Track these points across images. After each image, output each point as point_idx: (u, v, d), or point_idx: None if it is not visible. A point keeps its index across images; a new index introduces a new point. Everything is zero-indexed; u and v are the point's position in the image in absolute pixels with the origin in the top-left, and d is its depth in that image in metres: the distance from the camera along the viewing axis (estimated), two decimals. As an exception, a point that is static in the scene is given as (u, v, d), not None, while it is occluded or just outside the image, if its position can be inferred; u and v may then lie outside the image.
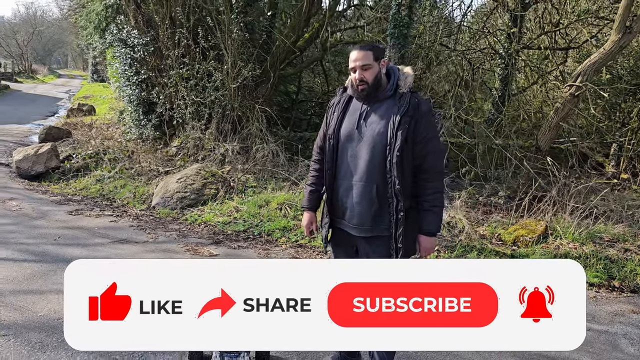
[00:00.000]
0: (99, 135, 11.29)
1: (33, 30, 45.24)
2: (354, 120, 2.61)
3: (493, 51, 9.27)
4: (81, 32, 15.00)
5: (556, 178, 6.53)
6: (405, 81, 2.59)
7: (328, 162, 2.67)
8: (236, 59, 8.47)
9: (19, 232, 5.45)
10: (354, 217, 2.62)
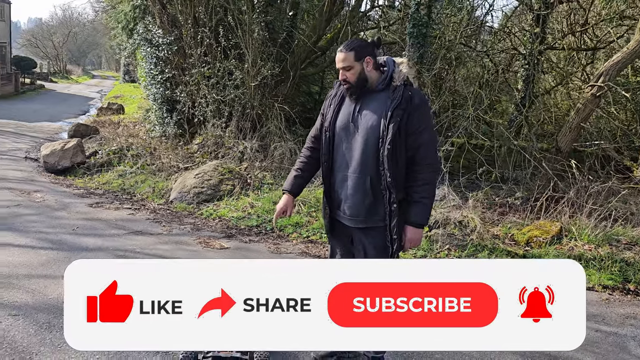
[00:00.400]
0: (124, 132, 11.57)
1: (68, 32, 46.66)
2: (348, 113, 2.65)
3: (516, 51, 9.14)
4: (111, 32, 15.46)
5: (575, 180, 6.39)
6: (400, 74, 2.61)
7: (324, 155, 2.71)
8: (256, 57, 8.58)
9: (39, 222, 5.64)
10: (348, 208, 2.66)
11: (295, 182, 2.83)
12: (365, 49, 2.62)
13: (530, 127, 8.09)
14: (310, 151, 2.85)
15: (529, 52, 8.17)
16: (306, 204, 6.36)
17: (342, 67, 2.59)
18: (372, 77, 2.62)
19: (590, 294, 4.55)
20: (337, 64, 2.61)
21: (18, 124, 15.07)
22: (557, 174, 6.70)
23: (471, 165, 7.90)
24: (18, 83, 26.32)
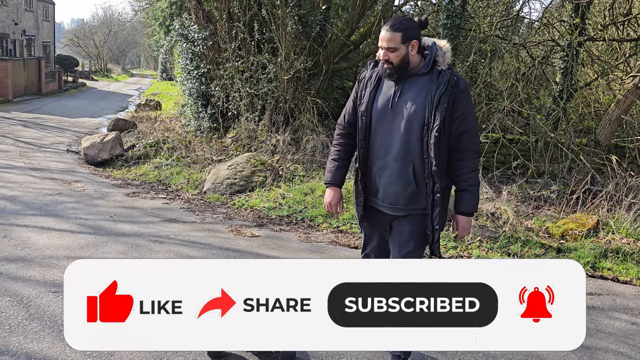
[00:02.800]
0: (161, 127, 11.85)
1: (109, 31, 48.00)
2: (387, 97, 2.52)
3: (554, 43, 8.91)
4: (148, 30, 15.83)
5: (615, 173, 6.20)
6: (444, 57, 2.49)
7: (361, 141, 2.58)
8: (290, 51, 8.65)
9: (79, 209, 5.86)
10: (388, 196, 2.55)
11: (336, 172, 2.71)
12: (413, 31, 2.48)
13: (568, 120, 7.88)
14: (343, 138, 2.72)
15: (567, 43, 7.94)
16: (337, 196, 6.38)
17: (387, 47, 2.45)
18: (414, 60, 2.49)
19: (628, 288, 4.42)
20: (381, 43, 2.47)
21: (61, 119, 15.64)
22: (596, 167, 6.52)
23: (506, 160, 7.77)
24: (61, 81, 27.27)
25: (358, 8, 9.28)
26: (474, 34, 8.40)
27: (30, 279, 3.72)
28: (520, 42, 9.14)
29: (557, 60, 8.75)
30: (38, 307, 3.29)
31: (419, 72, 2.49)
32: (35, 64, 24.01)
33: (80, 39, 47.18)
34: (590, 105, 9.08)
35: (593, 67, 9.31)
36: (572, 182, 6.37)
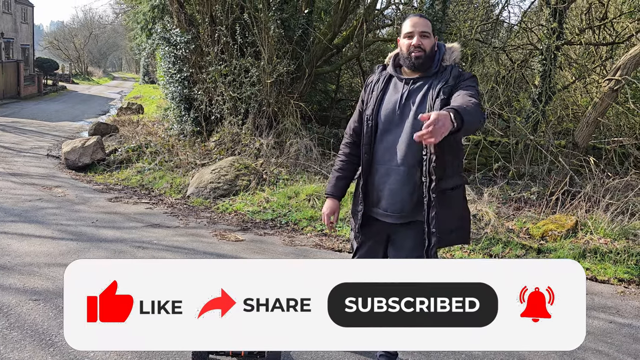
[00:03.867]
0: (143, 131, 11.76)
1: (89, 34, 47.42)
2: (394, 101, 2.45)
3: (533, 47, 9.07)
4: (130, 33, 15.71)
5: (592, 175, 6.34)
6: (451, 55, 2.46)
7: (365, 145, 2.50)
8: (272, 55, 8.67)
9: (60, 215, 5.79)
10: (393, 204, 2.46)
11: (338, 183, 2.66)
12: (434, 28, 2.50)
13: (547, 123, 8.02)
14: (349, 147, 2.65)
15: (546, 47, 8.11)
16: (321, 199, 6.41)
17: (422, 31, 2.40)
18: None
19: (606, 287, 4.52)
20: (414, 28, 2.41)
21: (40, 123, 15.41)
22: (574, 169, 6.65)
23: (487, 162, 7.89)
24: (41, 84, 26.86)
25: (340, 12, 9.34)
26: (455, 38, 8.51)
27: (10, 287, 3.67)
28: (500, 45, 9.29)
29: (536, 63, 8.91)
30: (18, 316, 3.25)
31: (429, 73, 2.45)
32: (13, 67, 23.62)
33: (60, 41, 46.52)
34: (568, 107, 9.26)
35: (571, 70, 9.51)
36: (552, 183, 6.49)
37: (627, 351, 3.37)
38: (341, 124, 11.39)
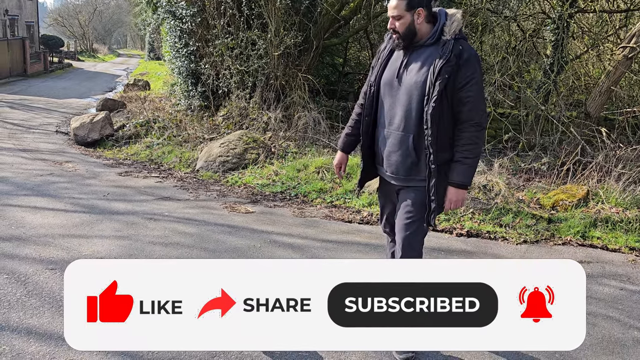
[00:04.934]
0: (151, 106, 11.74)
1: (93, 10, 47.07)
2: (394, 68, 2.57)
3: (545, 16, 8.89)
4: (135, 9, 15.57)
5: (605, 145, 6.27)
6: (451, 27, 2.45)
7: (367, 109, 2.68)
8: (279, 27, 8.56)
9: (72, 189, 5.83)
10: (390, 166, 2.63)
11: (346, 140, 2.88)
12: (418, 0, 2.46)
13: (558, 93, 7.91)
14: (360, 108, 2.80)
15: (558, 15, 7.93)
16: (330, 171, 6.40)
17: (392, 15, 2.49)
18: (421, 30, 2.48)
19: (616, 255, 4.51)
20: (388, 11, 2.52)
21: (48, 100, 15.43)
22: (586, 139, 6.59)
23: (497, 134, 7.82)
24: (47, 62, 26.81)
25: (348, -18, 9.17)
26: (465, 8, 8.34)
27: (26, 257, 3.73)
28: (511, 15, 9.10)
29: (548, 33, 8.75)
30: (36, 284, 3.31)
31: (426, 42, 2.49)
32: (19, 45, 23.54)
33: (64, 18, 46.25)
34: (580, 78, 9.11)
35: (583, 39, 9.32)
36: (563, 154, 6.44)
37: (638, 316, 3.38)
38: (349, 97, 11.29)
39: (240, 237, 4.47)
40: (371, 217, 5.26)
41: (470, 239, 4.78)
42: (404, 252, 2.58)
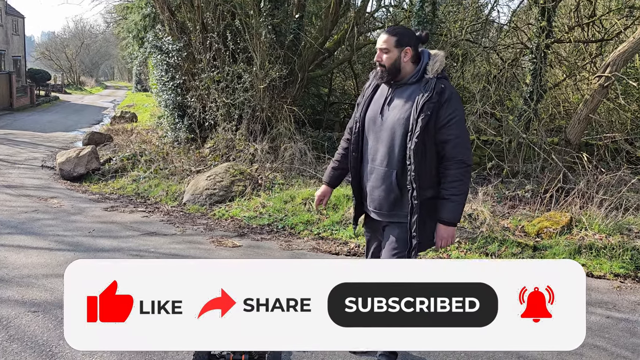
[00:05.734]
0: (137, 139, 11.75)
1: (81, 44, 47.34)
2: (378, 105, 2.64)
3: (523, 46, 9.14)
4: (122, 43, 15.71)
5: (585, 171, 6.38)
6: (433, 66, 2.53)
7: (353, 145, 2.73)
8: (265, 60, 8.69)
9: (56, 226, 5.78)
10: (373, 201, 2.67)
11: (332, 174, 2.93)
12: (408, 38, 2.56)
13: (539, 120, 8.08)
14: (346, 142, 2.86)
15: (536, 46, 8.16)
16: (317, 202, 6.42)
17: (380, 47, 2.57)
18: (406, 68, 2.57)
19: (602, 282, 4.55)
20: (377, 44, 2.59)
21: (34, 134, 15.38)
22: (567, 166, 6.70)
23: (481, 161, 7.92)
24: (33, 95, 26.80)
25: (331, 16, 9.38)
26: (446, 39, 8.56)
27: (8, 300, 3.67)
28: (490, 45, 9.35)
29: (527, 62, 8.97)
30: (18, 328, 3.25)
31: (409, 80, 2.57)
32: (5, 79, 23.56)
33: (51, 52, 46.42)
34: (560, 104, 9.32)
35: (561, 68, 9.57)
36: (545, 180, 6.53)
37: (625, 345, 3.40)
38: (335, 127, 11.41)
39: (226, 273, 4.44)
40: (358, 248, 5.26)
41: (457, 269, 4.79)
42: None
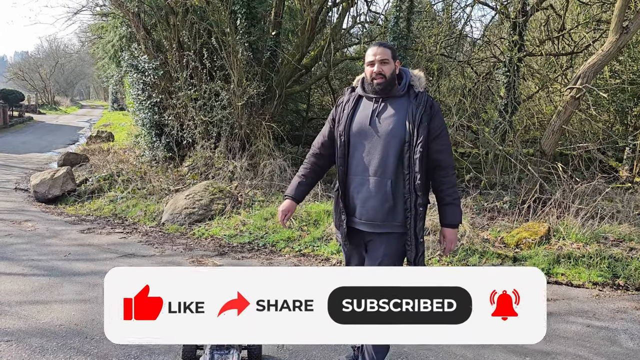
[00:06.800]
0: (114, 159, 11.59)
1: (55, 63, 46.74)
2: (366, 117, 2.66)
3: (496, 59, 9.32)
4: (98, 62, 15.57)
5: (561, 181, 6.49)
6: (420, 82, 2.68)
7: (339, 158, 2.73)
8: (242, 77, 8.69)
9: (31, 250, 5.63)
10: (366, 212, 2.65)
11: (297, 188, 2.87)
12: (396, 53, 2.71)
13: (514, 132, 8.21)
14: (315, 157, 2.87)
15: (508, 59, 8.33)
16: (297, 219, 6.40)
17: (381, 59, 2.62)
18: (395, 81, 2.68)
19: (581, 291, 4.61)
20: (374, 57, 2.63)
21: (7, 156, 15.05)
22: (543, 176, 6.80)
23: (459, 173, 8.01)
24: (6, 116, 26.26)
25: (308, 32, 9.45)
26: (421, 54, 8.69)
27: (-20, 329, 3.55)
28: (465, 59, 9.51)
29: (500, 75, 9.14)
30: (-10, 358, 3.13)
31: (396, 93, 2.66)
32: (-23, 101, 23.06)
33: (25, 72, 45.67)
34: (534, 116, 9.51)
35: (534, 80, 9.78)
36: (523, 191, 6.62)
37: (605, 354, 3.43)
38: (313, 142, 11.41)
39: (207, 293, 4.37)
40: (340, 264, 5.24)
41: (438, 282, 4.80)
42: None
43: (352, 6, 10.48)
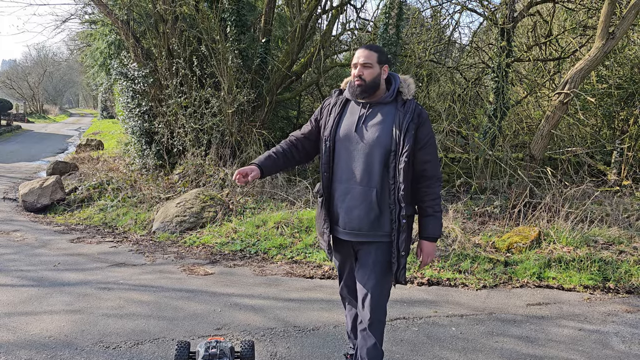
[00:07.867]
0: (104, 167, 11.52)
1: (43, 72, 46.45)
2: (352, 123, 2.57)
3: (485, 65, 9.39)
4: (88, 70, 15.48)
5: (551, 185, 6.54)
6: (409, 88, 2.58)
7: (324, 165, 2.63)
8: (232, 85, 8.69)
9: (19, 261, 5.56)
10: (351, 221, 2.56)
11: (266, 161, 2.70)
12: (385, 57, 2.59)
13: (504, 137, 8.27)
14: (287, 145, 2.76)
15: (497, 65, 8.41)
16: (289, 226, 6.39)
17: (363, 62, 2.52)
18: (382, 86, 2.57)
19: (572, 295, 4.63)
20: (356, 60, 2.56)
21: (-5, 165, 14.89)
22: (533, 180, 6.86)
23: (450, 178, 8.05)
24: (-6, 125, 26.04)
25: (297, 39, 9.47)
26: (410, 60, 8.74)
27: (-32, 342, 3.49)
28: (454, 65, 9.58)
29: (489, 81, 9.22)
30: (-22, 372, 3.08)
31: (384, 100, 2.56)
32: (-36, 110, 22.84)
33: (13, 80, 45.35)
34: (522, 121, 9.59)
35: (522, 85, 9.87)
36: (513, 196, 6.66)
37: (597, 357, 3.45)
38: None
39: (199, 302, 4.35)
40: (332, 271, 5.23)
41: (431, 288, 4.81)
42: (373, 314, 2.54)
43: (342, 13, 10.54)
